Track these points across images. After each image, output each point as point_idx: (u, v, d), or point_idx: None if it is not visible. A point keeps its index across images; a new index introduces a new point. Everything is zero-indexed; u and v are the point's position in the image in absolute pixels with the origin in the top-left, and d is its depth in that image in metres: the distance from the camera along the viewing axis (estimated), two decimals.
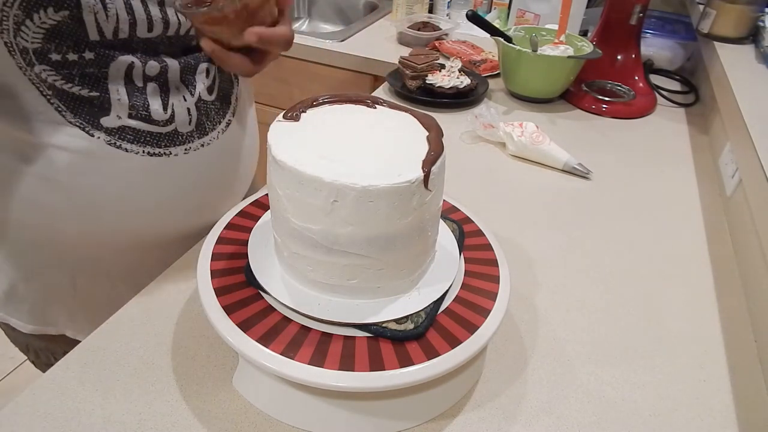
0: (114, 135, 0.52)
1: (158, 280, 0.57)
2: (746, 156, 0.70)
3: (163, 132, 0.55)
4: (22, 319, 0.65)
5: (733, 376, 0.53)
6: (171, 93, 0.54)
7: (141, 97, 0.52)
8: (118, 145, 0.52)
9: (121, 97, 0.51)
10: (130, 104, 0.51)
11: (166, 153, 0.55)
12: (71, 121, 0.50)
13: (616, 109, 1.04)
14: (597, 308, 0.59)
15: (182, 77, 0.55)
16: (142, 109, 0.52)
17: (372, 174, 0.38)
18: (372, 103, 0.48)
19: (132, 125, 0.52)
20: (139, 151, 0.54)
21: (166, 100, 0.54)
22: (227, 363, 0.49)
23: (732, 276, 0.66)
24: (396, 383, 0.39)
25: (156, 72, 0.52)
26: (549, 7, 1.30)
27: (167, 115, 0.54)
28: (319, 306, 0.43)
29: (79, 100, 0.49)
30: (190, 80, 0.56)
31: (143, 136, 0.53)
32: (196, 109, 0.57)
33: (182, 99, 0.55)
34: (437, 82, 1.01)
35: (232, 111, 0.63)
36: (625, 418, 0.48)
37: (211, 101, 0.59)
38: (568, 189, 0.81)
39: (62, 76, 0.47)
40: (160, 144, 0.55)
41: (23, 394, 0.45)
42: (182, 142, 0.57)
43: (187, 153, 0.57)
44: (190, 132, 0.57)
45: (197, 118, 0.57)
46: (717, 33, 1.06)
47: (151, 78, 0.52)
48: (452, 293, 0.46)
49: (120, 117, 0.52)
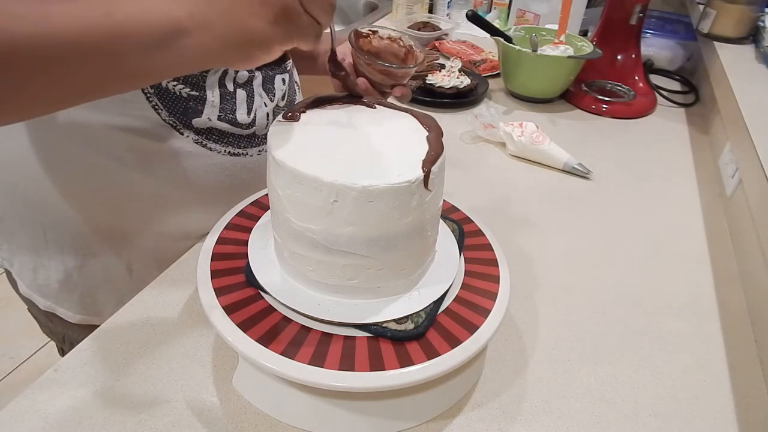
0: (202, 135, 0.56)
1: (158, 280, 0.57)
2: (746, 156, 0.70)
3: (244, 134, 0.60)
4: (71, 308, 0.66)
5: (733, 376, 0.53)
6: (255, 99, 0.60)
7: (231, 101, 0.57)
8: (203, 144, 0.57)
9: (215, 99, 0.55)
10: (221, 107, 0.56)
11: (243, 153, 0.60)
12: (165, 119, 0.53)
13: (616, 109, 1.04)
14: (597, 308, 0.59)
15: (264, 85, 0.61)
16: (230, 113, 0.57)
17: (372, 174, 0.38)
18: (372, 104, 0.48)
19: (219, 127, 0.57)
20: (222, 150, 0.58)
21: (251, 105, 0.59)
22: (227, 363, 0.49)
23: (732, 276, 0.66)
24: (396, 383, 0.39)
25: (245, 79, 0.58)
26: (549, 7, 1.30)
27: (250, 119, 0.59)
28: (319, 306, 0.43)
29: (178, 100, 0.53)
30: (270, 88, 0.62)
31: (227, 137, 0.58)
32: (273, 113, 0.62)
33: (264, 105, 0.61)
34: (437, 82, 1.01)
35: None
36: (625, 418, 0.48)
37: (283, 107, 0.65)
38: (568, 189, 0.81)
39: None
40: (240, 145, 0.60)
41: (23, 394, 0.45)
42: (257, 144, 0.62)
43: (261, 153, 0.62)
44: (265, 134, 0.62)
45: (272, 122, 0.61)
46: (717, 33, 1.06)
47: (240, 84, 0.58)
48: (452, 293, 0.46)
49: (210, 119, 0.56)
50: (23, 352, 1.56)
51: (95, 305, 0.66)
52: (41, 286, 0.65)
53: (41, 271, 0.63)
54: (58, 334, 0.72)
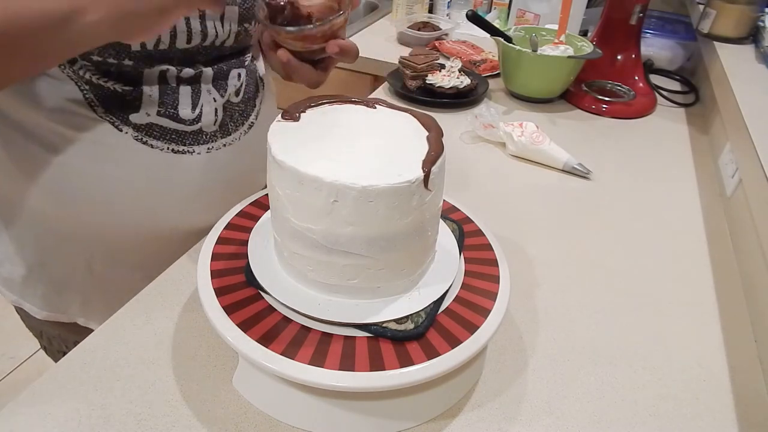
0: (141, 131, 0.54)
1: (158, 281, 0.57)
2: (746, 156, 0.70)
3: (188, 131, 0.57)
4: (36, 304, 0.66)
5: (733, 376, 0.53)
6: (202, 95, 0.57)
7: (172, 96, 0.55)
8: (144, 140, 0.55)
9: (153, 94, 0.53)
10: (160, 101, 0.54)
11: (189, 151, 0.57)
12: (101, 115, 0.52)
13: (616, 109, 1.04)
14: (597, 308, 0.59)
15: (214, 82, 0.58)
16: (171, 107, 0.55)
17: (372, 174, 0.38)
18: (372, 104, 0.48)
19: (159, 123, 0.55)
20: (164, 147, 0.56)
21: (196, 101, 0.56)
22: (227, 363, 0.49)
23: (732, 276, 0.66)
24: (396, 383, 0.39)
25: (190, 76, 0.55)
26: (549, 7, 1.30)
27: (194, 115, 0.57)
28: (319, 306, 0.43)
29: (113, 95, 0.52)
30: (222, 84, 0.58)
31: (169, 134, 0.56)
32: (222, 110, 0.59)
33: (212, 100, 0.58)
34: (437, 82, 1.01)
35: (256, 114, 0.65)
36: (625, 418, 0.48)
37: (237, 103, 0.61)
38: (568, 189, 0.81)
39: (101, 72, 0.50)
40: (185, 142, 0.57)
41: (23, 394, 0.45)
42: (206, 141, 0.59)
43: (210, 152, 0.59)
44: (213, 132, 0.59)
45: (222, 119, 0.59)
46: (717, 33, 1.06)
47: (185, 81, 0.55)
48: (452, 293, 0.46)
49: (149, 114, 0.54)
50: (23, 352, 1.56)
51: (59, 303, 0.66)
52: (6, 280, 0.65)
53: (6, 264, 0.64)
54: (35, 329, 0.72)
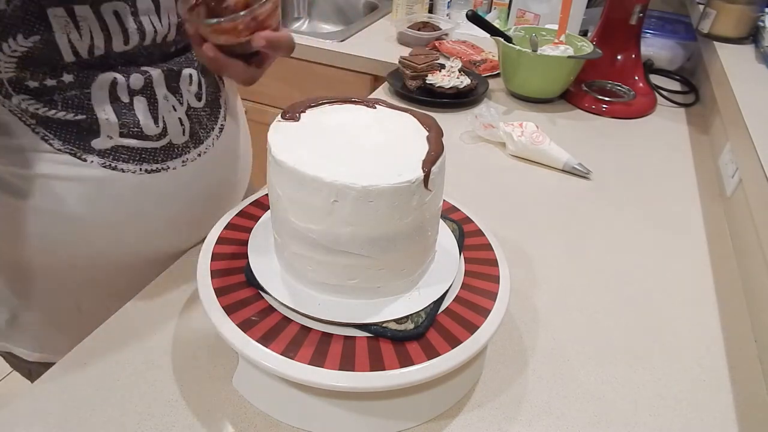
0: (108, 156, 0.51)
1: (158, 281, 0.57)
2: (746, 156, 0.70)
3: (158, 146, 0.54)
4: (26, 347, 0.64)
5: (733, 376, 0.53)
6: (159, 105, 0.53)
7: (130, 114, 0.51)
8: (113, 166, 0.51)
9: (109, 116, 0.50)
10: (120, 122, 0.50)
11: (164, 168, 0.54)
12: (60, 148, 0.49)
13: (616, 109, 1.04)
14: (597, 308, 0.59)
15: (168, 85, 0.54)
16: (133, 126, 0.51)
17: (372, 174, 0.38)
18: (372, 104, 0.48)
19: (125, 144, 0.51)
20: (136, 169, 0.53)
21: (155, 113, 0.53)
22: (227, 363, 0.49)
23: (732, 276, 0.66)
24: (396, 383, 0.39)
25: (141, 85, 0.51)
26: (549, 7, 1.30)
27: (159, 129, 0.53)
28: (319, 306, 0.43)
29: (66, 125, 0.48)
30: (176, 88, 0.55)
31: (138, 154, 0.52)
32: (187, 118, 0.56)
33: (172, 109, 0.54)
34: (437, 82, 1.01)
35: (224, 115, 0.62)
36: (625, 418, 0.48)
37: (201, 108, 0.58)
38: (568, 189, 0.81)
39: (43, 103, 0.46)
40: (157, 159, 0.54)
41: (23, 394, 0.45)
42: (179, 155, 0.56)
43: (185, 165, 0.56)
44: (185, 143, 0.56)
45: (190, 128, 0.56)
46: (717, 33, 1.06)
47: (137, 92, 0.51)
48: (452, 293, 0.46)
49: (111, 137, 0.50)
50: None
51: (50, 344, 0.63)
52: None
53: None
54: (23, 370, 0.70)
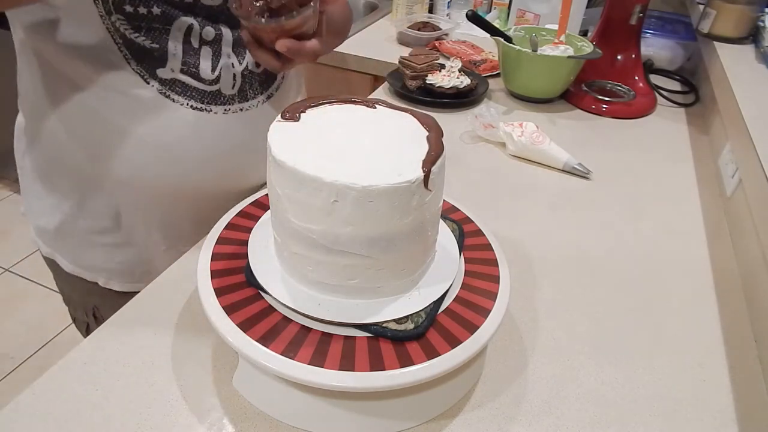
0: (166, 85, 0.58)
1: (158, 281, 0.57)
2: (746, 156, 0.70)
3: (208, 90, 0.60)
4: (66, 257, 0.70)
5: (733, 376, 0.53)
6: (222, 58, 0.60)
7: (194, 57, 0.58)
8: (167, 95, 0.58)
9: (177, 53, 0.57)
10: (183, 60, 0.57)
11: (207, 109, 0.61)
12: (134, 68, 0.56)
13: (616, 109, 1.04)
14: (597, 308, 0.59)
15: (234, 47, 0.60)
16: (193, 66, 0.58)
17: (372, 174, 0.38)
18: (372, 104, 0.48)
19: (182, 79, 0.58)
20: (185, 103, 0.59)
21: (216, 63, 0.60)
22: (227, 363, 0.49)
23: (732, 276, 0.66)
24: (396, 383, 0.39)
25: (211, 37, 0.58)
26: (549, 7, 1.30)
27: (214, 76, 0.60)
28: (319, 306, 0.43)
29: (143, 50, 0.55)
30: (241, 51, 0.61)
31: (190, 91, 0.59)
32: (241, 76, 0.62)
33: (231, 65, 0.61)
34: (437, 82, 1.01)
35: (277, 86, 0.68)
36: (625, 418, 0.48)
37: (258, 73, 0.64)
38: (568, 189, 0.81)
39: (133, 27, 0.54)
40: (204, 100, 0.60)
41: (23, 394, 0.45)
42: (223, 103, 0.62)
43: (226, 113, 0.62)
44: (232, 95, 0.62)
45: (241, 85, 0.62)
46: (717, 33, 1.06)
47: (207, 42, 0.58)
48: (452, 293, 0.46)
49: (173, 70, 0.58)
50: (23, 352, 1.56)
51: (85, 258, 0.69)
52: (43, 232, 0.69)
53: (43, 217, 0.68)
54: (63, 292, 0.76)
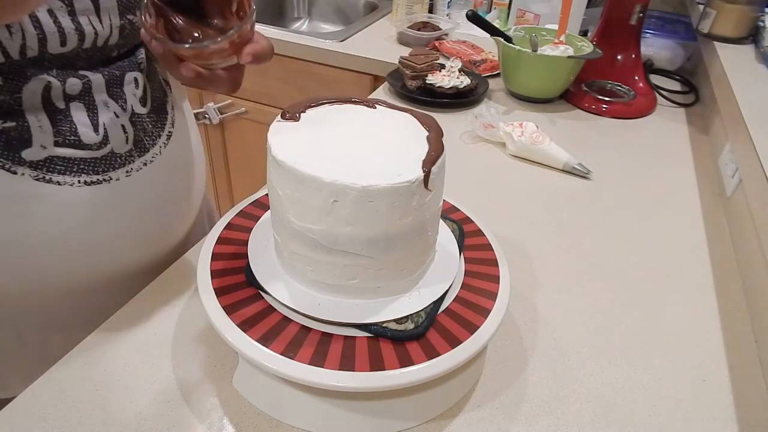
0: (41, 168, 0.46)
1: (158, 281, 0.57)
2: (746, 156, 0.70)
3: (98, 156, 0.49)
4: None
5: (733, 376, 0.53)
6: (100, 111, 0.48)
7: (66, 121, 0.46)
8: (47, 179, 0.47)
9: (43, 124, 0.45)
10: (55, 130, 0.46)
11: (105, 179, 0.50)
12: None
13: (616, 109, 1.04)
14: (597, 308, 0.59)
15: (109, 91, 0.49)
16: (69, 134, 0.47)
17: (372, 174, 0.38)
18: (372, 104, 0.48)
19: (60, 154, 0.47)
20: (74, 181, 0.48)
21: (95, 120, 0.48)
22: (227, 363, 0.49)
23: (732, 276, 0.66)
24: (396, 383, 0.39)
25: (78, 90, 0.46)
26: (549, 7, 1.30)
27: (99, 137, 0.48)
28: (319, 306, 0.43)
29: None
30: (119, 93, 0.50)
31: (76, 164, 0.48)
32: (131, 125, 0.51)
33: (114, 116, 0.49)
34: (437, 82, 1.01)
35: (171, 121, 0.58)
36: (625, 418, 0.48)
37: (146, 114, 0.53)
38: (568, 189, 0.81)
39: None
40: (97, 170, 0.49)
41: (23, 394, 0.45)
42: (122, 164, 0.51)
43: (129, 175, 0.52)
44: (128, 151, 0.51)
45: (134, 135, 0.52)
46: (717, 33, 1.06)
47: (74, 97, 0.47)
48: (452, 293, 0.46)
49: (45, 147, 0.46)
50: None
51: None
52: None
53: None
54: None
